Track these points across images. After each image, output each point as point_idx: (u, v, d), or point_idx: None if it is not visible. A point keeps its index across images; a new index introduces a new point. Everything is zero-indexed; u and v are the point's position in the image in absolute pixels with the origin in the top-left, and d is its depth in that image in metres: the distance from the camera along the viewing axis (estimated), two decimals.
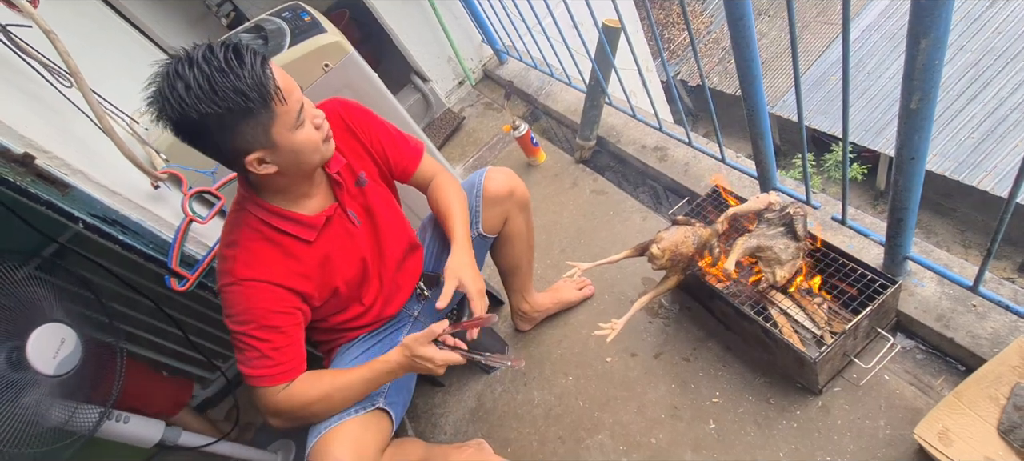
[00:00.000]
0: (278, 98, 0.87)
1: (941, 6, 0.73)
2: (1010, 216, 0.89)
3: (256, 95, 0.84)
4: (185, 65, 0.82)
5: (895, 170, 0.99)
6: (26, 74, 1.19)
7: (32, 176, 1.08)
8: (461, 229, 1.18)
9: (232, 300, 1.00)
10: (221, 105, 0.82)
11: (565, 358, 1.60)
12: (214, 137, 0.87)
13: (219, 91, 0.82)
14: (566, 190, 2.04)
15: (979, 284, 1.04)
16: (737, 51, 1.15)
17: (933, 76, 0.80)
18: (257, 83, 0.84)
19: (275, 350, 1.02)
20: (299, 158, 0.95)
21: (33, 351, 1.23)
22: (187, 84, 0.81)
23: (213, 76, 0.81)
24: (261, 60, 0.87)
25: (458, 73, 2.79)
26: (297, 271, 1.06)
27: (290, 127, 0.91)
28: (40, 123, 1.14)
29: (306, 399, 1.04)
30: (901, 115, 0.90)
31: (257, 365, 1.01)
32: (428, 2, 2.48)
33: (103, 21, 2.02)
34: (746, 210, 1.28)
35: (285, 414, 1.05)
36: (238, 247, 1.01)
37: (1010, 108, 5.54)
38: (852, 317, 1.09)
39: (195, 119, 0.83)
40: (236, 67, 0.83)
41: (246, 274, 0.99)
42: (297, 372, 1.05)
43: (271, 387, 1.02)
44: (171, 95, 0.82)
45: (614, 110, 2.03)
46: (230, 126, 0.86)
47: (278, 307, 1.02)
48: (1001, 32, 5.85)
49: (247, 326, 1.00)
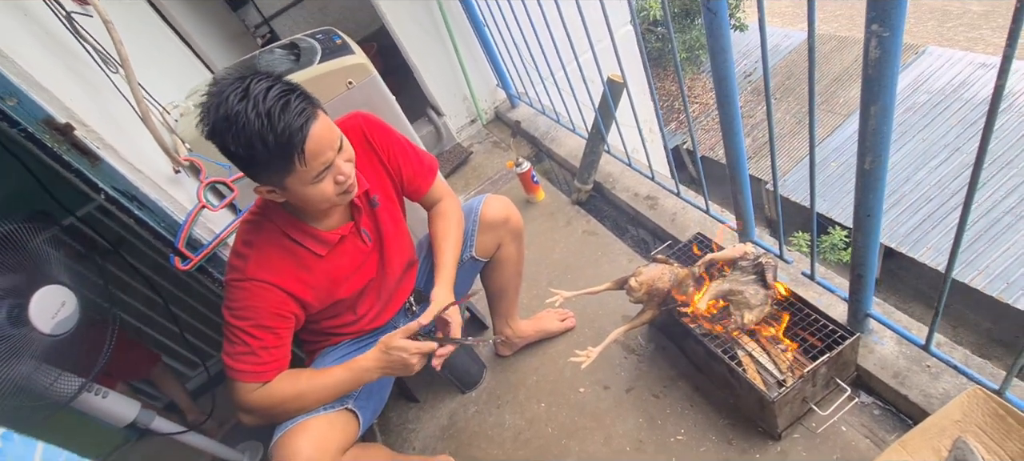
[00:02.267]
0: (300, 160, 0.92)
1: (887, 79, 0.84)
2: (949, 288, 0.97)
3: (278, 152, 0.89)
4: (236, 96, 0.87)
5: (854, 228, 1.08)
6: (77, 55, 1.32)
7: (68, 145, 1.19)
8: (449, 266, 1.24)
9: (237, 295, 1.05)
10: (245, 150, 0.89)
11: (540, 385, 1.64)
12: (236, 160, 0.95)
13: (247, 135, 0.87)
14: (560, 228, 2.13)
15: (930, 344, 1.11)
16: (721, 109, 1.26)
17: (883, 139, 0.90)
18: (285, 140, 0.89)
19: (264, 349, 1.06)
20: (307, 203, 1.02)
21: (35, 308, 1.29)
22: (227, 115, 0.87)
23: (249, 120, 0.86)
24: (306, 118, 0.91)
25: (471, 112, 2.95)
26: (305, 281, 1.11)
27: (305, 182, 0.96)
28: (83, 98, 1.25)
29: (281, 396, 1.07)
30: (857, 176, 0.99)
31: (244, 360, 1.04)
32: (451, 44, 2.67)
33: (150, 22, 2.20)
34: (722, 257, 1.36)
35: (258, 411, 1.07)
36: (254, 248, 1.06)
37: (1003, 211, 5.69)
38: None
39: (220, 145, 0.92)
40: (275, 120, 0.87)
41: (257, 274, 1.04)
42: (277, 373, 1.08)
43: (250, 383, 1.06)
44: (214, 115, 0.89)
45: (612, 158, 2.15)
46: (247, 165, 0.94)
47: (278, 310, 1.07)
48: (997, 137, 6.07)
49: (245, 322, 1.04)
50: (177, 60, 2.30)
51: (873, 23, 0.79)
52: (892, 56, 0.80)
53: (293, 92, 0.91)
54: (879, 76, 0.83)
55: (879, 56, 0.81)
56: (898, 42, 0.78)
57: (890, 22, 0.77)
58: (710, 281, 1.34)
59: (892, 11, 0.76)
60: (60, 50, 1.28)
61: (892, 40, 0.78)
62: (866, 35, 0.81)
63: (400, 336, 1.09)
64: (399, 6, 2.48)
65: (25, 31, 1.20)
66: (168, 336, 2.35)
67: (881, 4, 0.77)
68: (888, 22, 0.77)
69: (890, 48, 0.79)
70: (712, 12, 1.06)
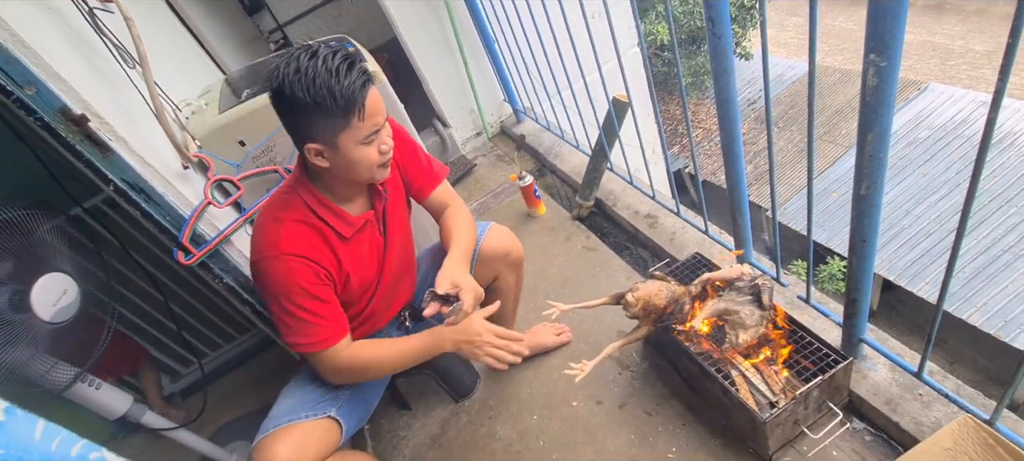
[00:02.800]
0: (359, 115, 1.00)
1: (884, 106, 0.86)
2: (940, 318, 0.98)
3: (344, 102, 0.97)
4: (304, 56, 0.97)
5: (849, 253, 1.10)
6: (96, 49, 1.35)
7: (82, 135, 1.21)
8: (459, 250, 1.26)
9: (273, 272, 1.07)
10: (311, 95, 0.96)
11: (533, 398, 1.65)
12: (295, 115, 1.01)
13: (318, 83, 0.95)
14: (560, 243, 2.15)
15: (922, 371, 1.12)
16: (722, 130, 1.29)
17: (879, 166, 0.93)
18: (348, 94, 0.97)
19: (321, 318, 1.11)
20: (351, 168, 1.06)
21: (37, 294, 1.31)
22: (298, 68, 0.95)
23: (319, 72, 0.95)
24: (364, 80, 1.00)
25: (477, 124, 2.99)
26: (330, 261, 1.15)
27: (356, 141, 1.03)
28: (99, 91, 1.28)
29: (365, 361, 1.17)
30: (853, 202, 1.01)
31: (310, 333, 1.10)
32: (461, 57, 2.71)
33: (167, 22, 2.24)
34: (719, 277, 1.37)
35: (347, 372, 1.17)
36: (283, 225, 1.09)
37: (1002, 249, 5.70)
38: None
39: (288, 95, 0.97)
40: (341, 75, 0.96)
41: (289, 249, 1.07)
42: (345, 330, 1.14)
43: (327, 350, 1.12)
44: (284, 70, 0.97)
45: (614, 176, 2.18)
46: (309, 114, 0.99)
47: (317, 280, 1.11)
48: (996, 176, 6.12)
49: (291, 303, 1.08)
50: (191, 60, 2.35)
51: (871, 53, 0.81)
52: (889, 84, 0.82)
53: (357, 58, 1.00)
54: (876, 103, 0.85)
55: (877, 84, 0.83)
56: (895, 72, 0.81)
57: (887, 52, 0.80)
58: (706, 300, 1.35)
59: (890, 42, 0.79)
60: (80, 44, 1.32)
61: (889, 70, 0.81)
62: (864, 64, 0.83)
63: (478, 316, 1.18)
64: (412, 18, 2.53)
65: (48, 23, 1.23)
66: (164, 333, 2.35)
67: (879, 35, 0.79)
68: (886, 52, 0.80)
69: (887, 77, 0.82)
70: (717, 35, 1.09)
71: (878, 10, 0.77)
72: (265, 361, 2.49)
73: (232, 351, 2.53)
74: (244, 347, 2.54)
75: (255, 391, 2.33)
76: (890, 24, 0.77)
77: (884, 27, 0.78)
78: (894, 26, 0.77)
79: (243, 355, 2.54)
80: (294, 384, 1.30)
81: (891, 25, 0.77)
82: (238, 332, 2.50)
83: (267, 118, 1.56)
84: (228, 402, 2.33)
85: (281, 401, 1.26)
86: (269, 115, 1.55)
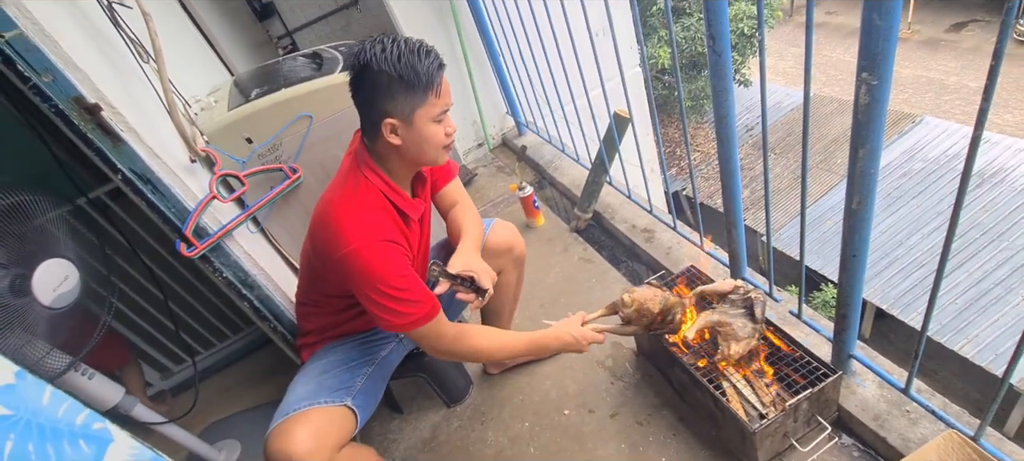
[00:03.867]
0: (436, 92, 1.06)
1: (875, 123, 0.89)
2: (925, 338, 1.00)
3: (425, 79, 1.04)
4: (387, 39, 1.04)
5: (840, 268, 1.12)
6: (111, 41, 1.38)
7: (94, 124, 1.24)
8: (471, 239, 1.31)
9: (369, 260, 1.08)
10: (397, 70, 1.02)
11: (525, 405, 1.65)
12: (375, 91, 1.05)
13: (403, 60, 1.02)
14: (557, 253, 2.17)
15: (910, 388, 1.14)
16: (720, 144, 1.32)
17: (870, 181, 0.96)
18: (430, 72, 1.04)
19: (418, 295, 1.14)
20: (421, 146, 1.11)
21: (38, 279, 1.32)
22: (383, 47, 1.02)
23: (404, 51, 1.02)
24: (440, 63, 1.07)
25: (479, 136, 3.03)
26: (405, 240, 1.19)
27: (430, 118, 1.08)
28: (113, 83, 1.31)
29: (471, 345, 1.23)
30: (845, 217, 1.04)
31: (413, 310, 1.13)
32: (466, 69, 2.76)
33: (180, 22, 2.28)
34: (713, 290, 1.39)
35: (449, 352, 1.23)
36: (368, 212, 1.12)
37: (994, 282, 5.75)
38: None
39: (374, 70, 1.03)
40: (422, 55, 1.04)
41: (382, 235, 1.11)
42: (438, 303, 1.18)
43: (430, 323, 1.16)
44: (369, 50, 1.03)
45: (613, 190, 2.21)
46: (392, 89, 1.04)
47: (406, 260, 1.15)
48: (989, 211, 6.20)
49: (389, 285, 1.10)
50: (201, 59, 2.38)
51: (863, 71, 0.85)
52: (880, 103, 0.86)
53: (433, 47, 1.07)
54: (868, 120, 0.89)
55: (868, 102, 0.87)
56: (886, 90, 0.84)
57: (879, 71, 0.83)
58: (699, 311, 1.37)
59: (881, 62, 0.83)
60: (96, 35, 1.35)
61: (880, 88, 0.84)
62: (857, 82, 0.87)
63: (577, 322, 1.31)
64: (420, 29, 2.58)
65: (68, 15, 1.26)
66: (158, 328, 2.35)
67: (871, 55, 0.83)
68: (877, 71, 0.84)
69: (878, 95, 0.85)
70: (717, 53, 1.13)
71: (870, 32, 0.81)
72: (256, 362, 2.48)
73: (223, 351, 2.53)
74: (236, 347, 2.53)
75: (245, 391, 2.32)
76: (881, 45, 0.81)
77: (876, 48, 0.81)
78: (885, 47, 0.81)
79: (234, 355, 2.53)
80: (307, 374, 1.30)
81: (882, 46, 0.81)
82: (231, 331, 2.50)
83: (275, 116, 1.60)
84: (218, 401, 2.32)
85: (295, 389, 1.26)
86: (277, 114, 1.60)
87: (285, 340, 1.77)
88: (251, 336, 2.51)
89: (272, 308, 1.69)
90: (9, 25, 1.07)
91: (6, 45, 1.08)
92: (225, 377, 2.49)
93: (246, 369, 2.49)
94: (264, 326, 1.72)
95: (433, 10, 2.56)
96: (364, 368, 1.35)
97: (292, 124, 1.61)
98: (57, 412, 0.60)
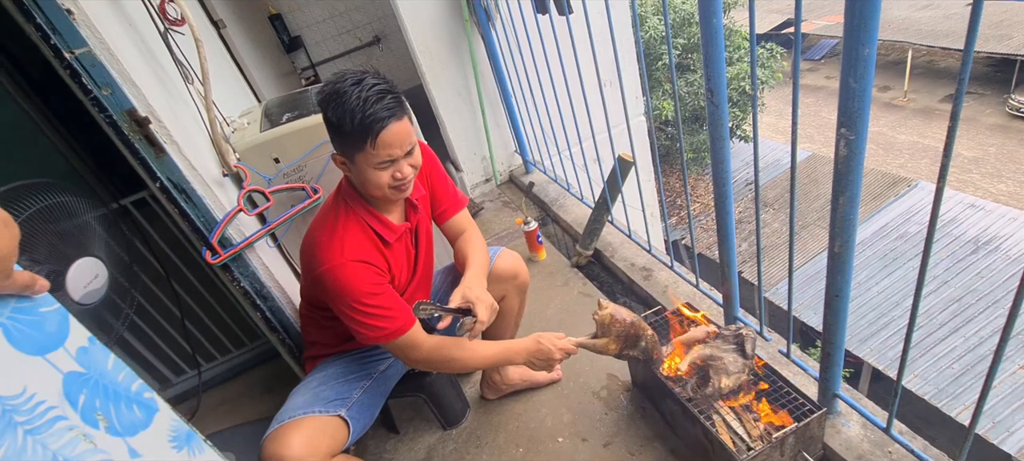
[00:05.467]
0: (371, 144, 1.10)
1: (853, 173, 0.99)
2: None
3: (359, 130, 1.08)
4: (352, 80, 1.09)
5: (824, 308, 1.20)
6: (162, 63, 1.51)
7: (142, 135, 1.35)
8: (476, 268, 1.37)
9: (342, 277, 1.16)
10: (336, 117, 1.09)
11: (520, 431, 1.69)
12: (328, 128, 1.15)
13: (343, 107, 1.08)
14: (557, 287, 2.25)
15: (891, 427, 1.20)
16: (716, 188, 1.43)
17: (850, 225, 1.05)
18: (366, 124, 1.08)
19: (390, 309, 1.21)
20: (365, 185, 1.19)
21: (72, 275, 1.40)
22: (336, 91, 1.09)
23: (349, 99, 1.07)
24: (387, 115, 1.09)
25: (487, 171, 3.16)
26: (382, 260, 1.26)
27: (369, 164, 1.13)
28: (161, 99, 1.43)
29: (446, 355, 1.29)
30: (828, 259, 1.13)
31: (385, 325, 1.20)
32: (479, 108, 2.92)
33: (216, 49, 2.44)
34: (686, 340, 1.46)
35: (426, 361, 1.29)
36: (346, 233, 1.20)
37: (989, 349, 5.77)
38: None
39: (324, 114, 1.13)
40: (367, 104, 1.07)
41: (353, 255, 1.18)
42: (413, 317, 1.25)
43: (405, 334, 1.23)
44: (329, 91, 1.10)
45: (614, 229, 2.31)
46: (333, 131, 1.14)
47: (379, 278, 1.22)
48: (983, 277, 6.28)
49: (361, 302, 1.17)
50: (233, 84, 2.54)
51: (842, 127, 0.96)
52: (857, 154, 0.96)
53: (390, 93, 1.11)
54: (847, 171, 0.99)
55: (847, 154, 0.97)
56: (862, 143, 0.95)
57: (855, 127, 0.94)
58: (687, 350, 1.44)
59: (857, 119, 0.93)
60: (150, 57, 1.48)
61: (857, 142, 0.95)
62: (837, 137, 0.97)
63: (551, 335, 1.34)
64: (438, 70, 2.74)
65: (127, 37, 1.39)
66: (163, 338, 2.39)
67: (848, 113, 0.94)
68: (854, 127, 0.94)
69: (855, 148, 0.96)
70: (714, 104, 1.25)
71: (847, 93, 0.92)
72: (255, 378, 2.52)
73: (224, 365, 2.57)
74: (237, 362, 2.57)
75: (244, 406, 2.35)
76: (856, 104, 0.92)
77: (852, 106, 0.92)
78: (860, 106, 0.91)
79: (234, 370, 2.57)
80: (306, 385, 1.37)
81: (857, 105, 0.92)
82: (234, 346, 2.54)
83: (302, 140, 1.71)
84: (215, 414, 2.35)
85: (294, 398, 1.32)
86: (304, 137, 1.72)
87: (292, 353, 1.83)
88: (253, 351, 2.56)
89: (283, 320, 1.76)
90: (80, 43, 1.20)
91: (75, 61, 1.20)
92: (224, 391, 2.52)
93: (245, 384, 2.52)
94: (273, 337, 1.78)
95: (452, 51, 2.73)
96: (361, 382, 1.41)
97: (317, 148, 1.72)
98: (118, 377, 0.67)
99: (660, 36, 8.40)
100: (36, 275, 0.59)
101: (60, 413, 0.55)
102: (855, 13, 0.83)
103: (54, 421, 0.54)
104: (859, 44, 0.84)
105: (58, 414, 0.55)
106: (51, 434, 0.53)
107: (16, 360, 0.54)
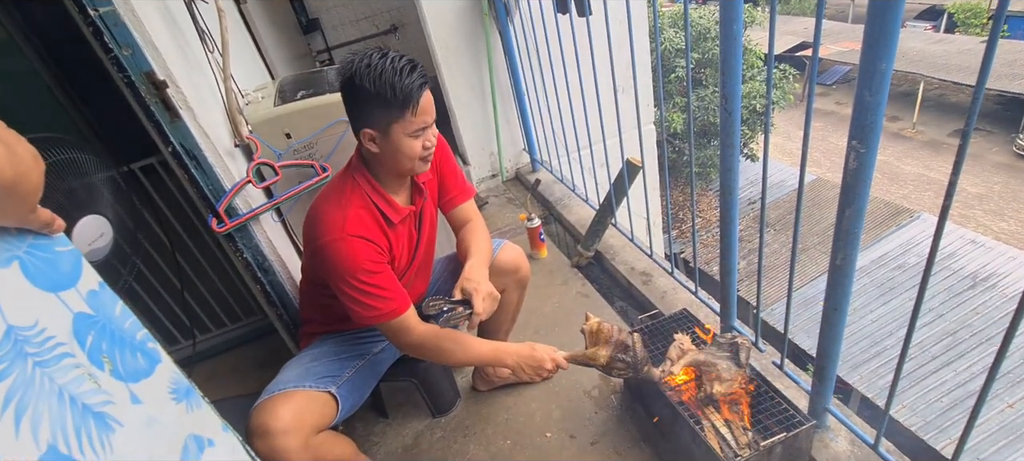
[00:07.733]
0: (412, 110, 1.13)
1: (861, 186, 1.01)
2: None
3: (402, 97, 1.11)
4: (376, 54, 1.12)
5: (821, 321, 1.21)
6: (183, 30, 1.52)
7: (158, 99, 1.36)
8: (479, 257, 1.37)
9: (341, 252, 1.16)
10: (376, 87, 1.09)
11: (509, 424, 1.70)
12: (357, 103, 1.15)
13: (383, 77, 1.09)
14: (556, 285, 2.26)
15: (878, 445, 1.20)
16: (723, 195, 1.44)
17: (854, 239, 1.06)
18: (407, 91, 1.11)
19: (387, 290, 1.21)
20: (396, 156, 1.19)
21: (78, 232, 1.40)
22: (369, 63, 1.10)
23: (385, 69, 1.09)
24: (422, 82, 1.13)
25: (495, 167, 3.17)
26: (384, 240, 1.26)
27: (406, 132, 1.15)
28: (180, 65, 1.44)
29: (438, 344, 1.28)
30: (829, 272, 1.14)
31: (380, 305, 1.20)
32: (491, 104, 2.93)
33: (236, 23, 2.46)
34: (693, 360, 1.46)
35: (420, 347, 1.28)
36: (348, 209, 1.21)
37: (980, 385, 5.77)
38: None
39: (357, 84, 1.11)
40: (404, 74, 1.10)
41: (353, 230, 1.18)
42: (409, 300, 1.25)
43: (400, 317, 1.22)
44: (356, 64, 1.11)
45: (616, 233, 2.32)
46: (371, 103, 1.13)
47: (378, 257, 1.22)
48: (979, 313, 6.29)
49: (357, 278, 1.18)
50: (249, 59, 2.55)
51: (853, 140, 0.97)
52: (867, 168, 0.97)
53: (419, 64, 1.14)
54: (855, 183, 1.00)
55: (856, 167, 0.98)
56: (872, 157, 0.96)
57: (867, 141, 0.95)
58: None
59: (869, 133, 0.94)
60: (172, 23, 1.49)
61: (867, 155, 0.96)
62: (847, 149, 0.99)
63: (546, 347, 1.34)
64: (453, 63, 2.76)
65: (151, 2, 1.40)
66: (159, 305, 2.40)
67: (861, 125, 0.95)
68: (865, 140, 0.95)
69: (865, 162, 0.97)
70: (727, 111, 1.26)
71: (862, 106, 0.93)
72: (247, 354, 2.53)
73: (217, 338, 2.57)
74: (230, 336, 2.58)
75: (236, 380, 2.36)
76: (870, 118, 0.93)
77: (865, 120, 0.93)
78: (873, 119, 0.93)
79: (226, 344, 2.58)
80: (299, 360, 1.38)
81: (871, 119, 0.93)
82: (230, 319, 2.55)
83: (315, 117, 1.72)
84: (207, 386, 2.35)
85: (286, 371, 1.33)
86: (317, 115, 1.73)
87: (288, 329, 1.84)
88: (248, 326, 2.57)
89: (281, 295, 1.77)
90: (105, 1, 1.21)
91: (99, 18, 1.21)
92: (217, 363, 2.53)
93: (239, 358, 2.53)
94: (271, 312, 1.79)
95: (468, 45, 2.74)
96: (354, 362, 1.42)
97: (330, 126, 1.73)
98: (124, 324, 0.68)
99: (675, 48, 8.42)
100: (55, 214, 0.60)
101: (68, 350, 0.56)
102: (876, 27, 0.84)
103: (62, 357, 0.55)
104: (877, 58, 0.86)
105: (66, 351, 0.56)
106: (58, 369, 0.54)
107: (31, 294, 0.55)
